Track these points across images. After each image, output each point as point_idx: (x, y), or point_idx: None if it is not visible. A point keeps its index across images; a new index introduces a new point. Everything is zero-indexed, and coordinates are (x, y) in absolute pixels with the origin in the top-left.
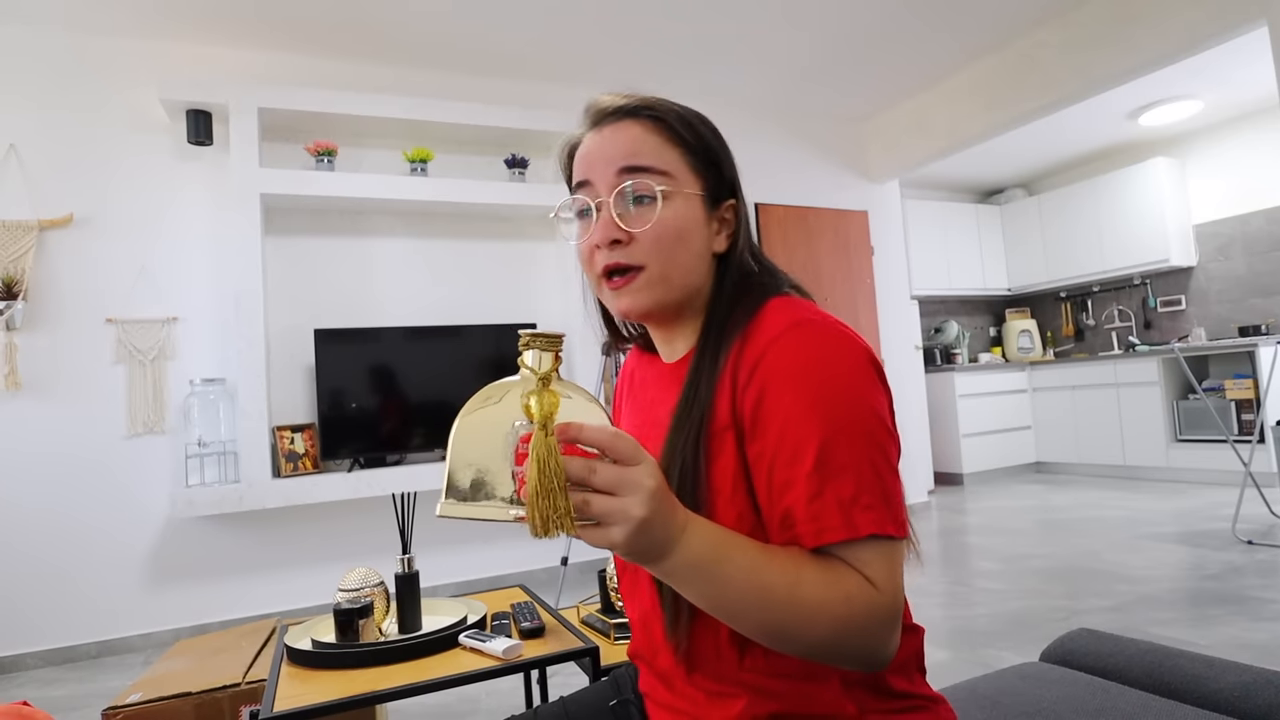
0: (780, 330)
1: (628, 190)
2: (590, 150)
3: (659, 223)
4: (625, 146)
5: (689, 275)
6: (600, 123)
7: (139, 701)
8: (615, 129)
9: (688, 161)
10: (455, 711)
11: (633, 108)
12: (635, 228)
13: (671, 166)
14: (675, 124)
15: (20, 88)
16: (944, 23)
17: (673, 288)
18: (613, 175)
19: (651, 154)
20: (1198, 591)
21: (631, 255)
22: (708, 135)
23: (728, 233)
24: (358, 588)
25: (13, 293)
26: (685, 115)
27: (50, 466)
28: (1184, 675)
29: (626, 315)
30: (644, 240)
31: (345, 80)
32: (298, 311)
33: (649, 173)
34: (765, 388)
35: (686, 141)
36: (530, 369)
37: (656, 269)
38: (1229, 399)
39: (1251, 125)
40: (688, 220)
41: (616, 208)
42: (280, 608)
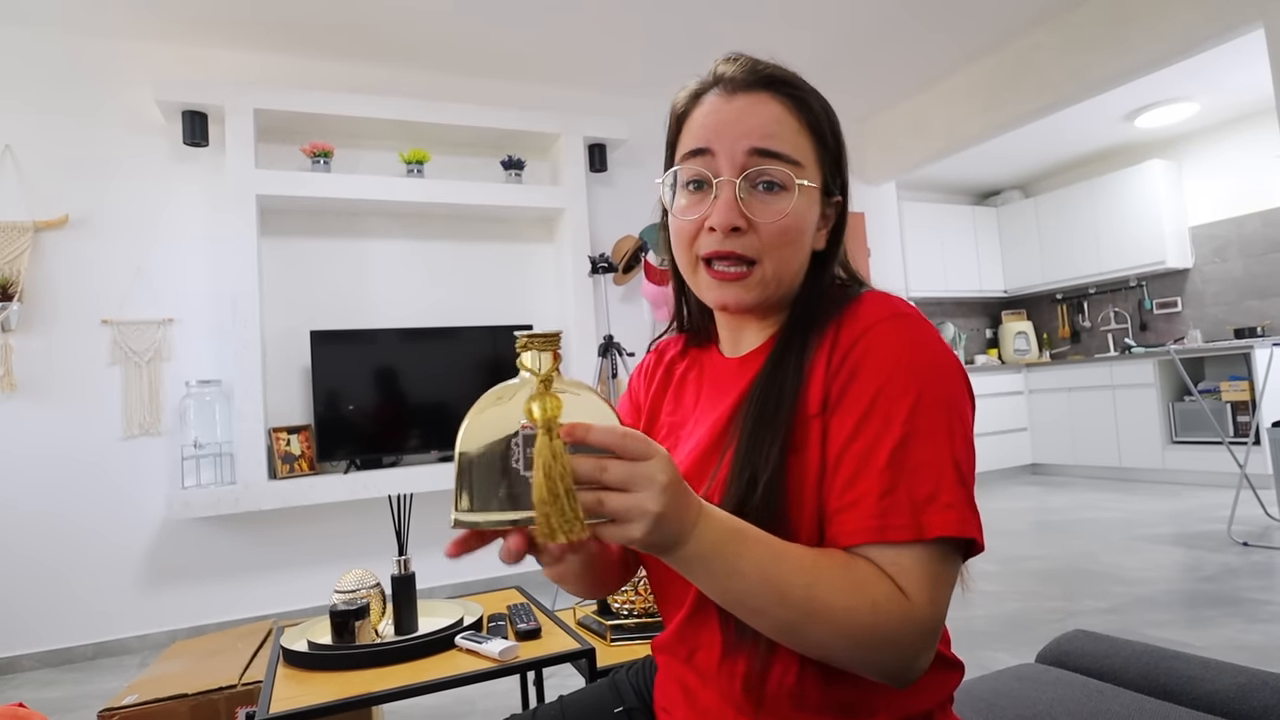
0: (882, 316)
1: (759, 176)
2: (718, 118)
3: (786, 218)
4: (762, 125)
5: (797, 275)
6: (732, 88)
7: (135, 703)
8: (751, 100)
9: (817, 152)
10: (451, 713)
11: (773, 79)
12: (759, 217)
13: (804, 156)
14: (815, 108)
15: (16, 89)
16: (941, 24)
17: (780, 286)
18: (743, 154)
19: (788, 139)
20: (1193, 593)
21: (748, 247)
22: (837, 126)
23: (827, 230)
24: (354, 589)
25: (8, 294)
26: (823, 101)
27: (46, 468)
28: (1180, 677)
29: (725, 309)
30: (766, 234)
31: (341, 81)
32: (294, 313)
33: (783, 160)
34: (858, 368)
35: (820, 130)
36: (530, 370)
37: (771, 267)
38: (1224, 401)
39: (1248, 127)
40: (808, 217)
41: (743, 191)
42: (276, 609)
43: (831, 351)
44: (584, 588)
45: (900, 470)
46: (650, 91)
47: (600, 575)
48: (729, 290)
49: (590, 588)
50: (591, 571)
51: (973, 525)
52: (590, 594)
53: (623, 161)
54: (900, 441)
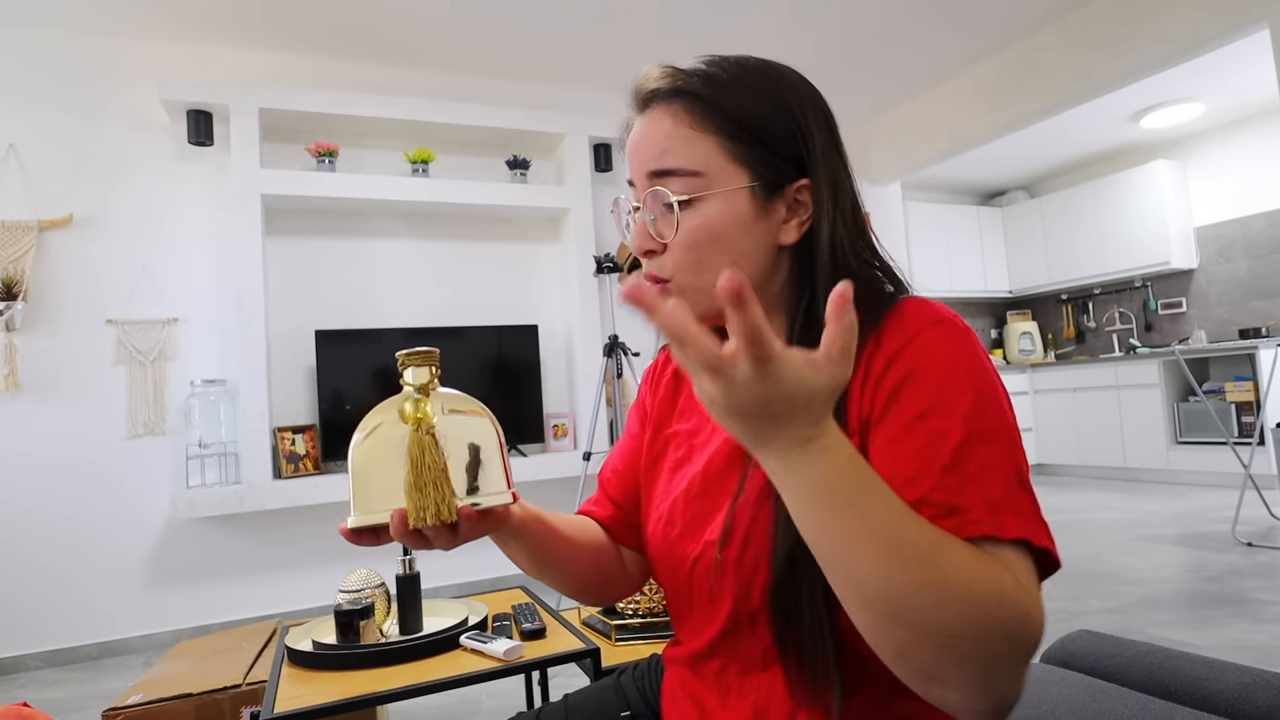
0: (927, 324)
1: (656, 198)
2: (630, 146)
3: (686, 231)
4: (654, 144)
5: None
6: (638, 110)
7: (140, 703)
8: (649, 120)
9: (726, 149)
10: (456, 713)
11: (666, 90)
12: (665, 236)
13: (703, 162)
14: (711, 103)
15: (21, 88)
16: (946, 24)
17: (712, 295)
18: (643, 179)
19: (680, 151)
20: (1198, 593)
21: (662, 266)
22: (760, 108)
23: (801, 219)
24: (359, 589)
25: (13, 293)
26: (731, 85)
27: (50, 468)
28: (1184, 677)
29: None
30: (673, 250)
31: (346, 81)
32: (299, 312)
33: (676, 175)
34: (910, 372)
35: (724, 125)
36: (410, 384)
37: (686, 279)
38: (1229, 401)
39: (1253, 127)
40: (725, 221)
41: (649, 214)
42: (281, 609)
43: (871, 361)
44: (561, 583)
45: (966, 470)
46: None
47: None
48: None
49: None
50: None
51: (1049, 537)
52: (578, 593)
53: None
54: (962, 442)
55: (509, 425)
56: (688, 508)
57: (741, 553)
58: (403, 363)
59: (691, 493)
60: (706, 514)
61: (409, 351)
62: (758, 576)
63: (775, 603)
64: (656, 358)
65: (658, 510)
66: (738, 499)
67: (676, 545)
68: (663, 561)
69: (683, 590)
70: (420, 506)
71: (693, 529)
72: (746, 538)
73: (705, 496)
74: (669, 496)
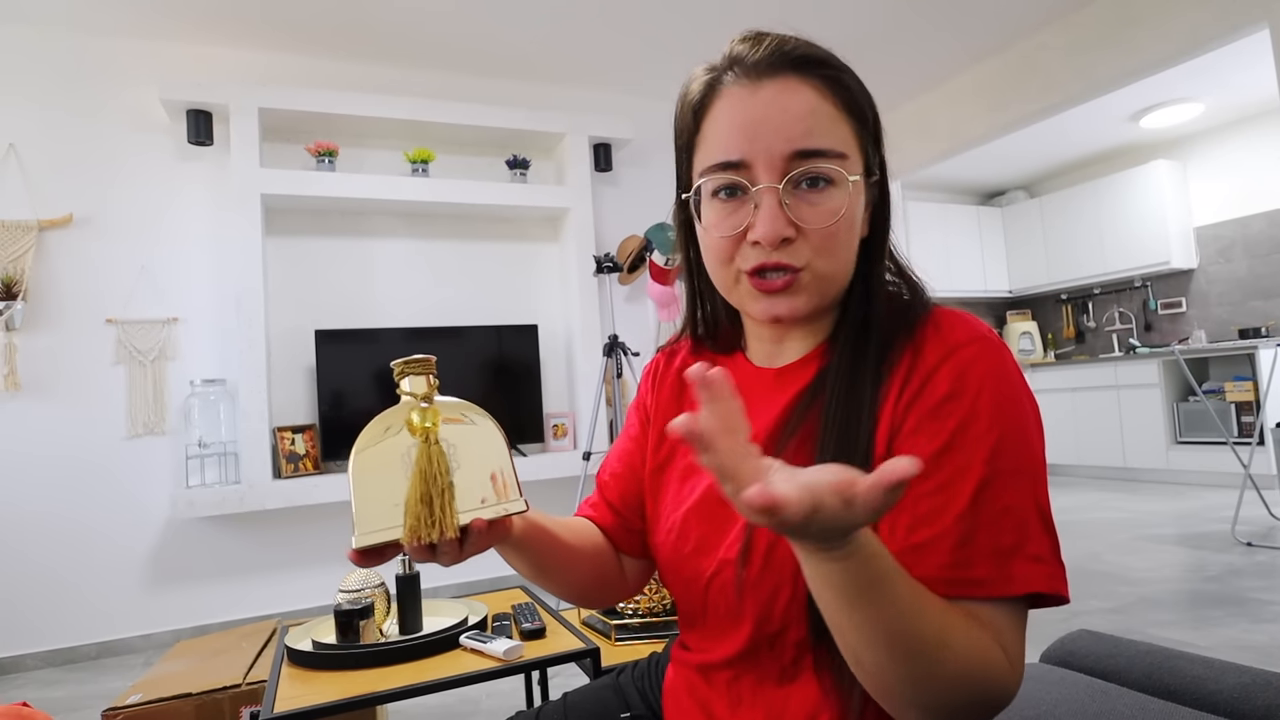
0: (967, 339)
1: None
2: (745, 116)
3: (830, 216)
4: (799, 120)
5: (848, 274)
6: (756, 74)
7: (139, 702)
8: (780, 89)
9: (858, 138)
10: (456, 712)
11: (803, 59)
12: (809, 223)
13: (847, 144)
14: (852, 86)
15: (21, 87)
16: (946, 24)
17: (832, 286)
18: (782, 158)
19: (829, 130)
20: (1197, 593)
21: (797, 255)
22: (873, 101)
23: (869, 213)
24: (358, 589)
25: (12, 293)
26: (855, 75)
27: (50, 468)
28: (1183, 677)
29: (779, 321)
30: (817, 239)
31: (346, 81)
32: (299, 312)
33: (828, 156)
34: (943, 398)
35: (860, 111)
36: (410, 394)
37: (821, 267)
38: (1229, 401)
39: (1253, 128)
40: (857, 211)
41: (786, 195)
42: (281, 609)
43: (908, 377)
44: (560, 588)
45: (981, 515)
46: (655, 91)
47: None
48: (780, 302)
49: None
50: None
51: (1061, 579)
52: (577, 598)
53: (628, 161)
54: (982, 483)
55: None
56: (701, 521)
57: (762, 572)
58: (400, 372)
59: (706, 505)
60: (721, 529)
61: (405, 360)
62: (779, 596)
63: (814, 622)
64: (656, 357)
65: (668, 520)
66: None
67: (690, 560)
68: (675, 575)
69: (697, 605)
70: (426, 521)
71: (707, 544)
72: (767, 557)
73: (720, 509)
74: (680, 507)
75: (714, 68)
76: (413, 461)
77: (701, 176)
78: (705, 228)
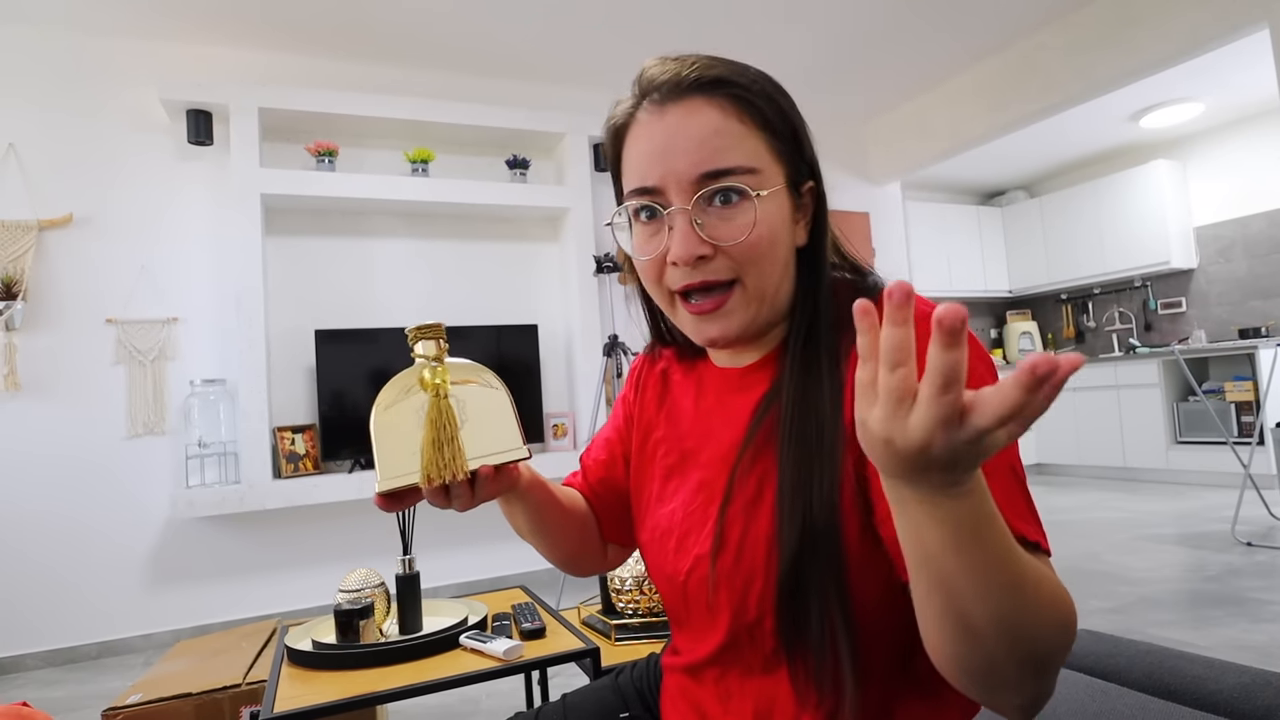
0: (922, 316)
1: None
2: (656, 143)
3: (752, 232)
4: (704, 141)
5: (779, 286)
6: (663, 100)
7: (139, 702)
8: (686, 113)
9: (772, 147)
10: (456, 712)
11: (707, 80)
12: (723, 239)
13: (758, 159)
14: (758, 101)
15: (20, 87)
16: (946, 24)
17: (766, 300)
18: (691, 181)
19: (735, 147)
20: (1197, 593)
21: (721, 270)
22: (788, 106)
23: (807, 220)
24: (358, 588)
25: (12, 293)
26: (765, 85)
27: (50, 467)
28: (1184, 677)
29: (714, 344)
30: (737, 253)
31: (346, 80)
32: (298, 312)
33: (736, 174)
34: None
35: (770, 122)
36: (423, 356)
37: (752, 283)
38: (1229, 401)
39: (1252, 127)
40: (777, 222)
41: (698, 214)
42: (281, 609)
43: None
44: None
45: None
46: None
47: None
48: (712, 324)
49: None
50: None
51: (1045, 539)
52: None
53: None
54: None
55: None
56: (682, 520)
57: (735, 564)
58: (413, 337)
59: (686, 505)
60: (697, 525)
61: (418, 326)
62: (753, 587)
63: (781, 610)
64: (641, 358)
65: (652, 518)
66: (726, 509)
67: (671, 559)
68: (659, 574)
69: (679, 602)
70: (438, 464)
71: (684, 542)
72: (739, 548)
73: (698, 507)
74: (663, 505)
75: (630, 94)
76: (424, 414)
77: (624, 202)
78: (632, 252)
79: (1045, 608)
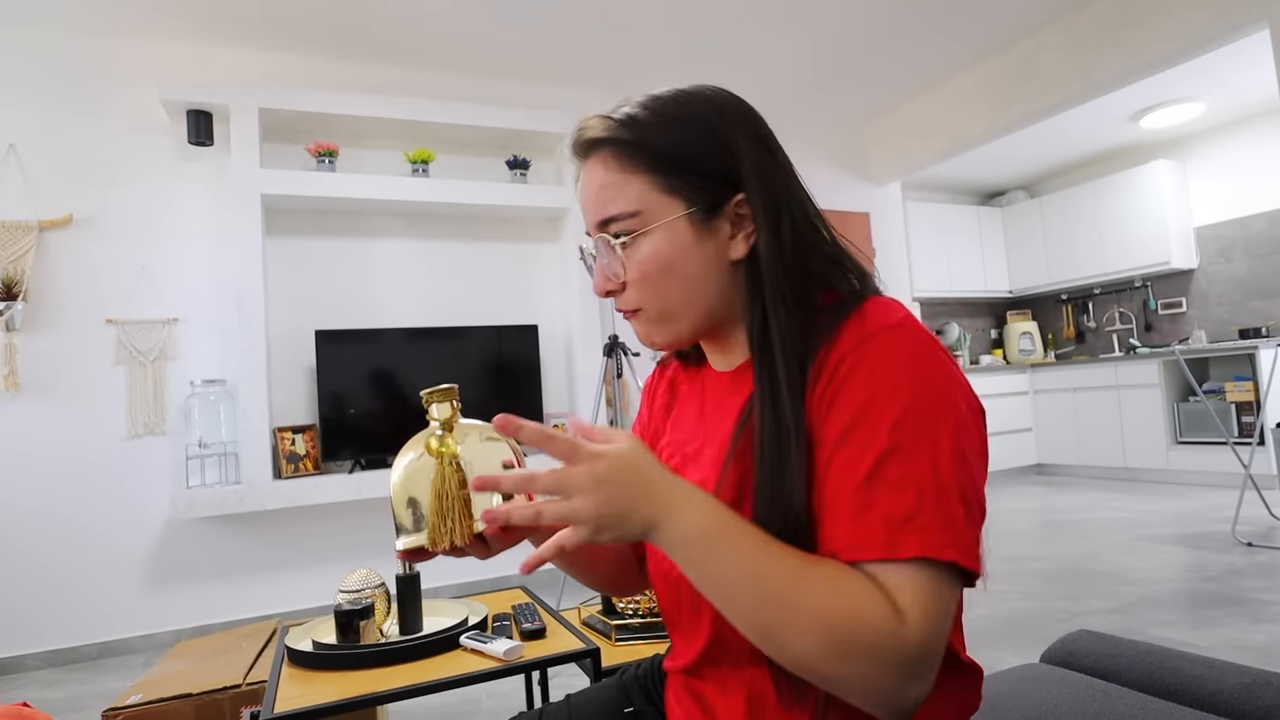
0: (874, 330)
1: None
2: (579, 197)
3: (636, 266)
4: (594, 194)
5: (692, 302)
6: (578, 160)
7: (139, 703)
8: (587, 171)
9: (655, 184)
10: (456, 712)
11: (594, 140)
12: (620, 275)
13: (637, 201)
14: (635, 144)
15: (21, 87)
16: (946, 24)
17: (681, 318)
18: (595, 229)
19: (615, 196)
20: (1198, 593)
21: (626, 301)
22: (681, 136)
23: (747, 232)
24: (359, 589)
25: (12, 293)
26: (651, 122)
27: (50, 468)
28: (1184, 677)
29: (652, 346)
30: (632, 283)
31: (346, 81)
32: (299, 312)
33: (618, 220)
34: (846, 379)
35: (650, 161)
36: (435, 419)
37: (653, 307)
38: (1229, 401)
39: (1253, 127)
40: (670, 250)
41: (604, 257)
42: (281, 609)
43: (824, 364)
44: (588, 579)
45: (878, 486)
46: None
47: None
48: (640, 329)
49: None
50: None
51: (953, 548)
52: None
53: None
54: (881, 455)
55: None
56: None
57: None
58: (426, 400)
59: None
60: None
61: (431, 390)
62: None
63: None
64: (653, 373)
65: None
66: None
67: (665, 558)
68: (656, 573)
69: (673, 602)
70: (441, 532)
71: None
72: None
73: None
74: None
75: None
76: (434, 479)
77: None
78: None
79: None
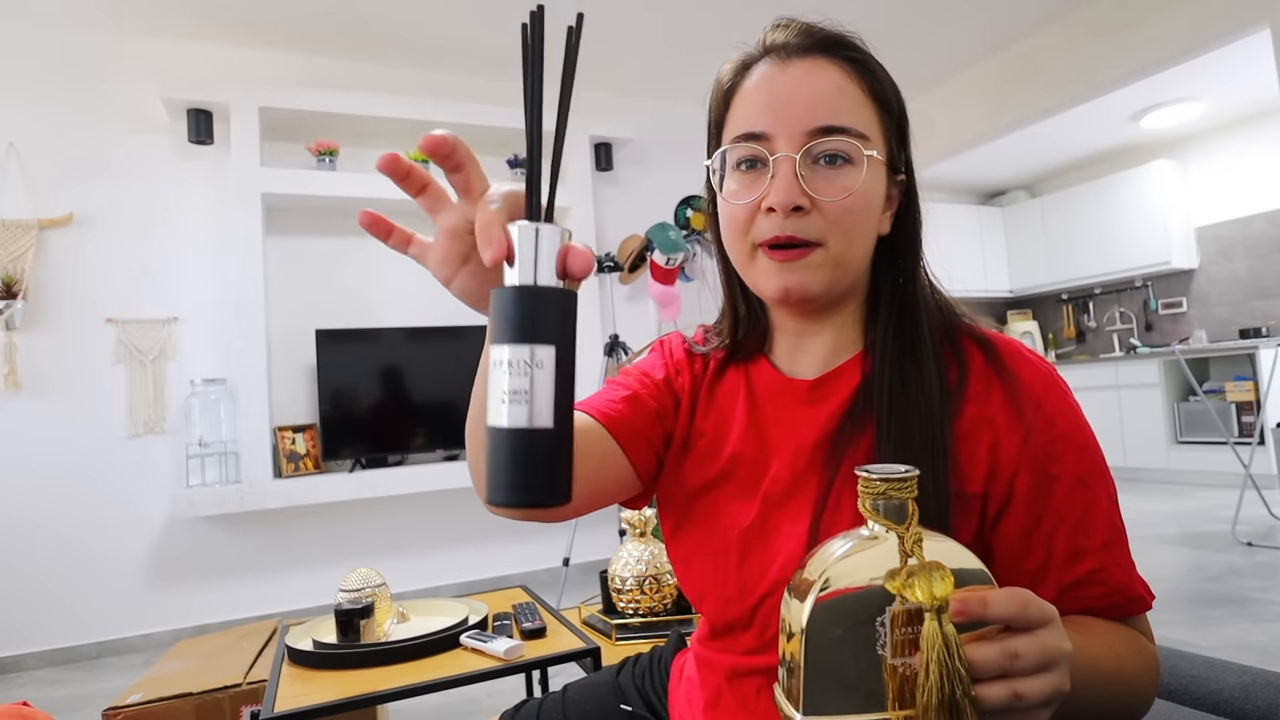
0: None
1: (822, 150)
2: (771, 92)
3: (853, 195)
4: (826, 96)
5: (865, 256)
6: (785, 55)
7: (140, 702)
8: (808, 68)
9: (882, 123)
10: (456, 712)
11: (832, 42)
12: (823, 195)
13: (869, 127)
14: (880, 74)
15: (20, 86)
16: (946, 24)
17: (847, 271)
18: (803, 131)
19: (852, 110)
20: (1198, 593)
21: (810, 228)
22: (901, 96)
23: (892, 213)
24: (359, 588)
25: (12, 292)
26: (873, 59)
27: (50, 467)
28: (1184, 676)
29: (788, 296)
30: (832, 212)
31: (347, 80)
32: (299, 311)
33: (848, 134)
34: (1059, 435)
35: (885, 99)
36: (889, 525)
37: (837, 247)
38: (1229, 401)
39: (1253, 128)
40: (875, 194)
41: (803, 168)
42: (281, 608)
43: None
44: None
45: (1116, 544)
46: (655, 91)
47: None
48: (790, 274)
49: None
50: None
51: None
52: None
53: (628, 161)
54: (1108, 510)
55: None
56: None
57: None
58: (878, 492)
59: (756, 528)
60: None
61: (885, 477)
62: None
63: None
64: (671, 335)
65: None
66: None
67: (734, 577)
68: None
69: (741, 618)
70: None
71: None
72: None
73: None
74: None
75: (747, 53)
76: (925, 647)
77: (725, 146)
78: (724, 198)
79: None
